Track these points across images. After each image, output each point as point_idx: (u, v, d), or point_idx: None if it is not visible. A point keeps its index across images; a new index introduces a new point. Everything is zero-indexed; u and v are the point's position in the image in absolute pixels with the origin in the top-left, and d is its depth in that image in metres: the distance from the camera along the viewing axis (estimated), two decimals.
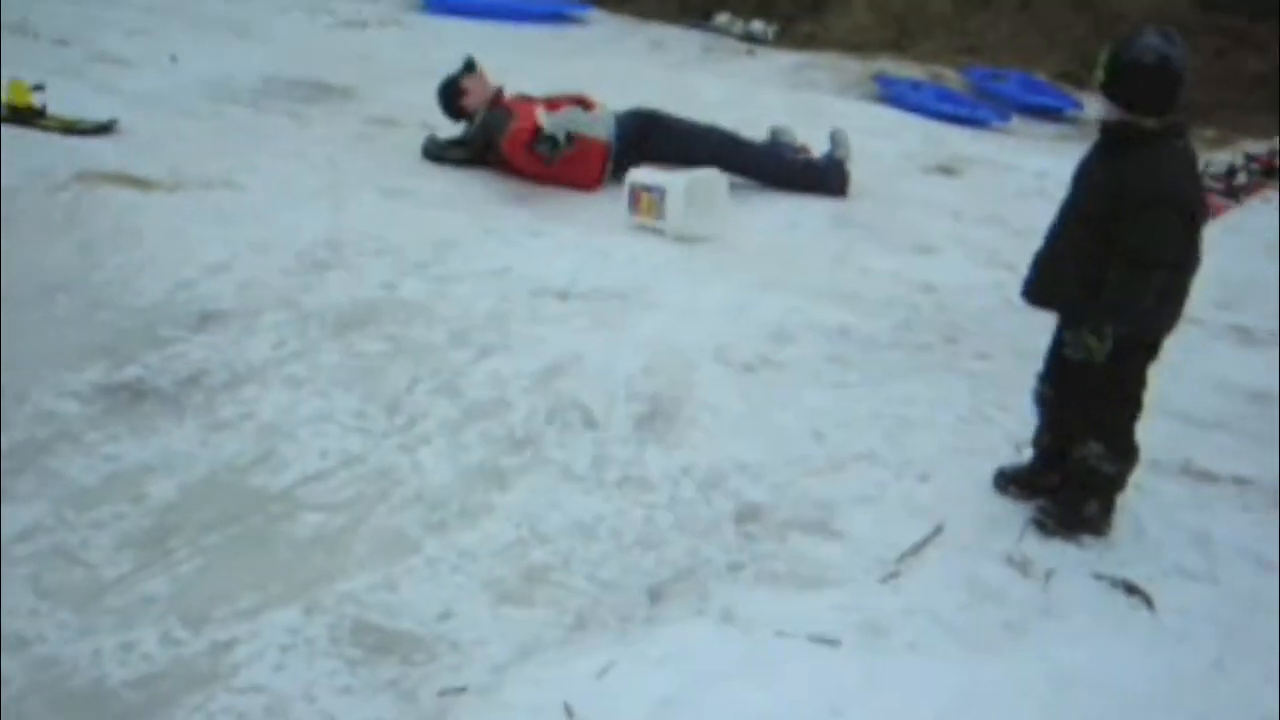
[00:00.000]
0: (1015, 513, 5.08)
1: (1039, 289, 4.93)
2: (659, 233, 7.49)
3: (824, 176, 8.41)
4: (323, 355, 5.68)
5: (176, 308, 5.92)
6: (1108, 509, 5.05)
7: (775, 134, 8.64)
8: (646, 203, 7.58)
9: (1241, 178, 10.16)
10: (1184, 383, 6.52)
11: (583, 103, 8.24)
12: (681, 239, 7.45)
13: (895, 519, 4.95)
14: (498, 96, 8.24)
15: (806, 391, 5.74)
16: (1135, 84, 4.60)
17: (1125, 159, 4.65)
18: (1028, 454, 5.24)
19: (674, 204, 7.50)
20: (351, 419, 5.28)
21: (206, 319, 5.86)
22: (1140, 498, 5.24)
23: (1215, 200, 10.15)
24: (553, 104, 8.16)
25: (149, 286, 6.06)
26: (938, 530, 4.88)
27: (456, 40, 11.44)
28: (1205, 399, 6.44)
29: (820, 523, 4.90)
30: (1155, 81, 4.58)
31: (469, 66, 8.31)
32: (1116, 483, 5.01)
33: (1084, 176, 4.81)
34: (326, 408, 5.34)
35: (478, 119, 8.16)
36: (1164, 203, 4.58)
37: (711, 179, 7.75)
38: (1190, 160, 4.74)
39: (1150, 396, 5.60)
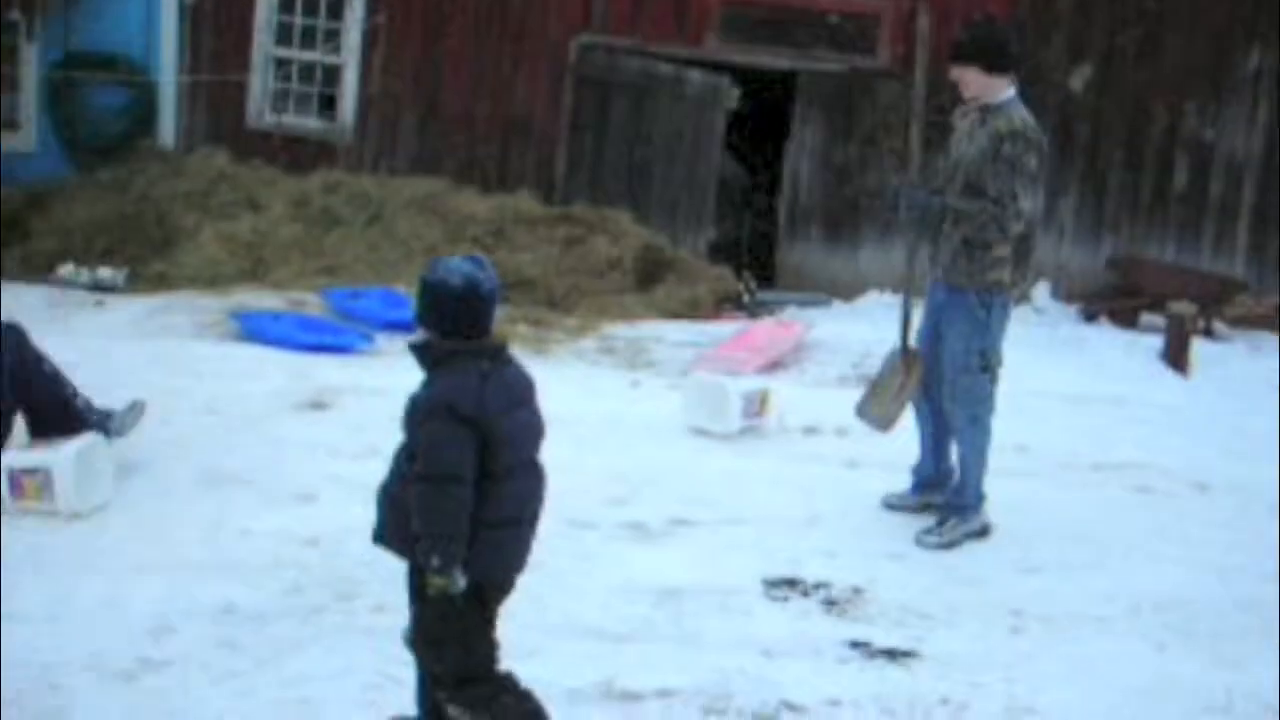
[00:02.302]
0: None
1: (380, 531, 4.77)
2: (51, 514, 6.95)
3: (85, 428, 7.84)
4: None
5: None
6: None
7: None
8: (31, 487, 7.02)
9: None
10: (588, 593, 6.41)
11: None
12: (77, 516, 6.96)
13: None
14: None
15: (196, 690, 5.29)
16: (444, 307, 4.57)
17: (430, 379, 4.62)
18: None
19: (64, 482, 7.00)
20: None
21: None
22: None
23: None
24: None
25: None
26: None
27: None
28: (615, 608, 6.31)
29: None
30: (463, 303, 4.55)
31: None
32: None
33: None
34: None
35: None
36: (430, 412, 4.51)
37: (97, 444, 7.29)
38: (498, 381, 4.61)
39: (554, 618, 5.48)
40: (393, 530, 4.68)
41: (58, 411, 7.58)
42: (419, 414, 4.54)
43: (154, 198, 14.26)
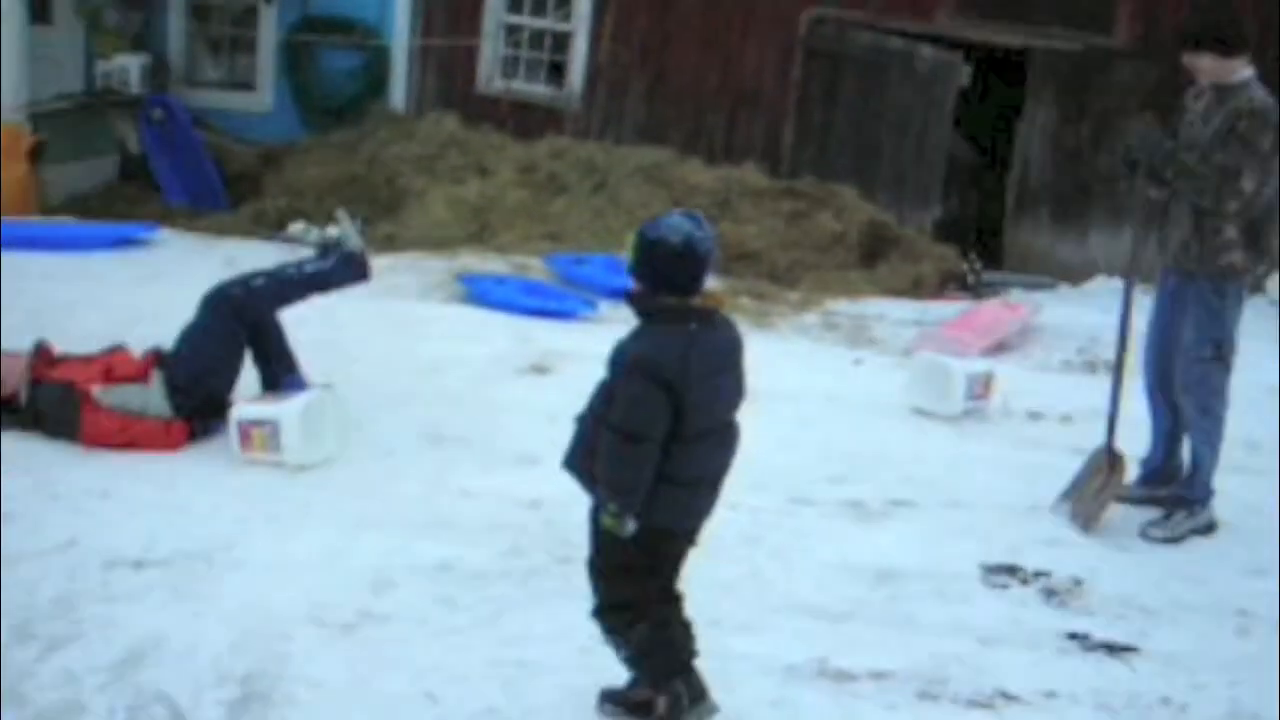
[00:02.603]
0: None
1: (570, 457, 4.83)
2: (277, 466, 7.13)
3: (339, 276, 8.08)
4: None
5: None
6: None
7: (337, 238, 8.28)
8: (259, 438, 7.21)
9: None
10: (804, 571, 6.37)
11: (129, 370, 7.61)
12: (302, 468, 7.13)
13: None
14: (41, 362, 7.58)
15: (414, 645, 5.33)
16: (659, 263, 4.57)
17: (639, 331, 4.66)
18: None
19: (290, 434, 7.17)
20: None
21: None
22: (777, 712, 5.00)
23: None
24: (107, 369, 7.57)
25: None
26: None
27: (9, 280, 10.73)
28: (831, 587, 6.26)
29: None
30: (679, 261, 4.56)
31: None
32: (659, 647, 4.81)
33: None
34: None
35: (24, 397, 7.46)
36: (632, 368, 4.53)
37: (324, 399, 7.47)
38: (704, 345, 4.60)
39: (771, 595, 5.42)
40: (580, 459, 4.76)
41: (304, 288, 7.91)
42: (624, 365, 4.57)
43: (384, 160, 14.52)
